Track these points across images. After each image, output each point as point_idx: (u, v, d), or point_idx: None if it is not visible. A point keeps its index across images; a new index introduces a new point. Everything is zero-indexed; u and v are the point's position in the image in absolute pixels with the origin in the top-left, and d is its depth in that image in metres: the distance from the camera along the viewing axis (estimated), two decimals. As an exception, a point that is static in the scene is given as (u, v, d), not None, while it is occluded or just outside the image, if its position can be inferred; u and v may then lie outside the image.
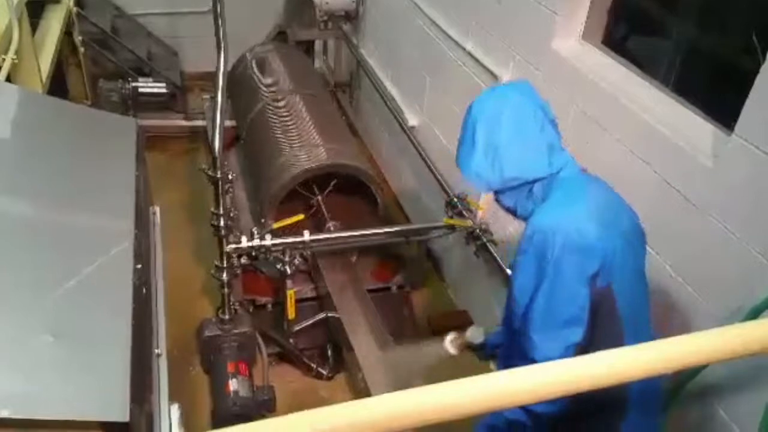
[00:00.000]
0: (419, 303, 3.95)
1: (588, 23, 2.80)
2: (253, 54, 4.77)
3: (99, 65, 5.21)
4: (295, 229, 3.30)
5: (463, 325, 2.31)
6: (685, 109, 2.31)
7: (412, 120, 4.35)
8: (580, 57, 2.75)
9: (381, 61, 5.03)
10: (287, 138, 3.77)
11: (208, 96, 5.39)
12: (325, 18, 5.32)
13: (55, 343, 1.45)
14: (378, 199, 3.68)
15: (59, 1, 4.14)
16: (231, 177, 2.94)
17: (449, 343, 2.27)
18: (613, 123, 2.48)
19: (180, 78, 5.70)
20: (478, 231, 3.36)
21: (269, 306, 3.60)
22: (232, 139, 4.60)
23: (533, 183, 1.82)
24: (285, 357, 3.59)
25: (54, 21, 3.97)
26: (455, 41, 3.67)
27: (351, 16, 5.38)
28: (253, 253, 3.16)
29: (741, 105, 1.92)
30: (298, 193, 3.57)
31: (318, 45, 6.05)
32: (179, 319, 3.06)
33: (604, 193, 1.85)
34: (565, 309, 1.69)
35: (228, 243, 3.05)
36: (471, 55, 3.50)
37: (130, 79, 5.21)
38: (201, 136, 5.45)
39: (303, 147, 3.63)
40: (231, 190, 3.00)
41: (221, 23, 2.73)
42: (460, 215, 3.47)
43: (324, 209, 3.63)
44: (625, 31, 2.83)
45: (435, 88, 4.09)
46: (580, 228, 1.68)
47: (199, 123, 5.48)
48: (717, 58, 2.43)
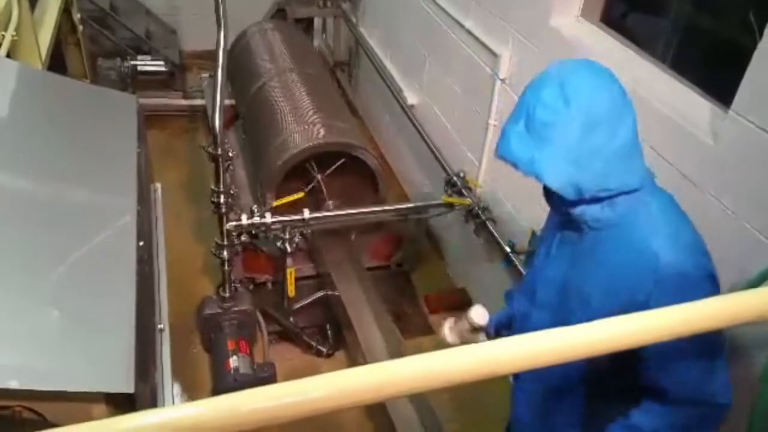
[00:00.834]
0: (418, 281, 3.98)
1: (587, 1, 2.80)
2: (252, 32, 4.75)
3: (97, 43, 5.20)
4: (295, 207, 3.32)
5: (461, 304, 2.28)
6: (683, 87, 2.32)
7: (411, 99, 4.35)
8: (578, 35, 2.75)
9: (380, 40, 5.01)
10: (286, 116, 3.77)
11: (206, 74, 5.38)
12: (325, -5, 5.31)
13: (61, 317, 1.48)
14: (377, 178, 3.70)
15: (58, -21, 4.11)
16: (231, 154, 2.95)
17: (448, 331, 2.04)
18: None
19: (179, 56, 5.68)
20: (477, 209, 3.38)
21: (269, 284, 3.63)
22: (231, 118, 4.60)
23: (624, 194, 1.50)
24: (285, 335, 3.62)
25: (52, -1, 3.94)
26: (454, 19, 3.66)
27: (350, -7, 5.36)
28: (253, 231, 3.18)
29: (738, 82, 1.93)
30: (298, 172, 3.59)
31: (317, 23, 6.02)
32: (179, 297, 3.09)
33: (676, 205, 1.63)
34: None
35: (228, 220, 3.07)
36: (470, 33, 3.49)
37: (128, 58, 5.20)
38: (200, 115, 5.45)
39: (302, 125, 3.63)
40: (231, 167, 3.01)
41: (221, 0, 2.73)
42: (459, 193, 3.49)
43: (324, 188, 3.64)
44: (624, 9, 2.83)
45: (434, 66, 4.09)
46: (712, 264, 1.55)
47: (198, 102, 5.48)
48: (714, 35, 2.43)
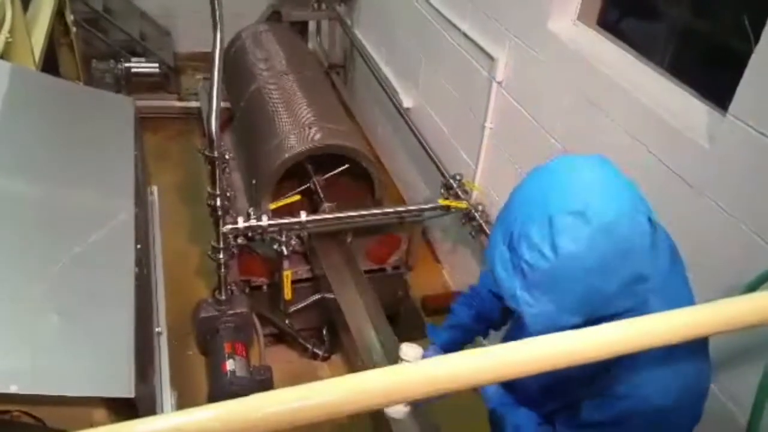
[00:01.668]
0: (415, 284, 3.98)
1: (583, 4, 2.81)
2: (247, 34, 4.74)
3: (91, 45, 5.18)
4: (291, 210, 3.31)
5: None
6: (681, 90, 2.33)
7: (407, 101, 4.36)
8: (575, 38, 2.76)
9: (375, 42, 5.01)
10: (282, 119, 3.76)
11: (201, 76, 5.37)
12: (320, -2, 5.31)
13: (60, 321, 1.47)
14: (374, 180, 3.70)
15: (51, -19, 4.09)
16: (228, 157, 2.94)
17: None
18: (609, 104, 2.50)
19: (173, 58, 5.66)
20: (473, 212, 3.38)
21: (265, 287, 3.62)
22: (226, 120, 4.58)
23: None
24: (281, 338, 3.62)
25: (46, 1, 3.92)
26: (451, 22, 3.67)
27: (345, -5, 5.37)
28: (250, 234, 3.17)
29: (735, 86, 1.94)
30: (294, 174, 3.58)
31: (312, 26, 6.02)
32: (175, 300, 3.08)
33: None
34: None
35: (224, 223, 3.06)
36: (467, 36, 3.50)
37: (122, 60, 5.18)
38: (194, 117, 5.42)
39: (298, 128, 3.62)
40: (227, 170, 3.00)
41: (217, 2, 2.72)
42: (455, 196, 3.49)
43: (320, 190, 3.63)
44: (620, 13, 2.84)
45: (430, 69, 4.09)
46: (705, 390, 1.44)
47: (193, 104, 5.45)
48: (711, 39, 2.44)
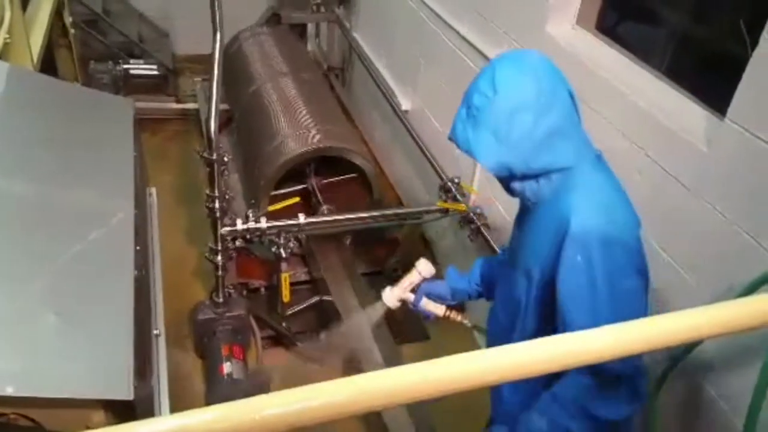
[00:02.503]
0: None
1: (582, 8, 2.81)
2: (246, 36, 4.75)
3: (89, 47, 5.17)
4: (290, 212, 3.31)
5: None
6: (679, 94, 2.33)
7: (405, 104, 4.36)
8: (573, 42, 2.77)
9: (374, 45, 5.02)
10: (280, 121, 3.76)
11: (200, 78, 5.37)
12: (318, 1, 5.31)
13: (58, 322, 1.47)
14: (372, 183, 3.70)
15: (50, -18, 4.09)
16: (226, 159, 2.94)
17: (387, 295, 2.24)
18: (607, 107, 2.50)
19: (171, 60, 5.66)
20: (472, 215, 3.38)
21: (263, 290, 3.61)
22: (224, 122, 4.58)
23: (554, 171, 1.67)
24: (279, 340, 3.61)
25: (44, 2, 3.93)
26: (449, 25, 3.67)
27: (344, -1, 5.37)
28: (248, 236, 3.17)
29: (733, 90, 1.95)
30: (292, 176, 3.58)
31: (311, 28, 6.02)
32: (172, 302, 3.07)
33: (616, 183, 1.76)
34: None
35: (223, 225, 3.05)
36: (465, 39, 3.50)
37: (120, 61, 5.18)
38: (192, 119, 5.42)
39: (296, 130, 3.63)
40: (226, 172, 3.00)
41: (218, 4, 2.72)
42: (454, 199, 3.49)
43: (318, 193, 3.63)
44: (619, 17, 2.84)
45: (428, 71, 4.10)
46: (633, 233, 1.65)
47: (191, 106, 5.45)
48: (709, 43, 2.45)
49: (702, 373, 2.10)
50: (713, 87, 2.20)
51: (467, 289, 2.28)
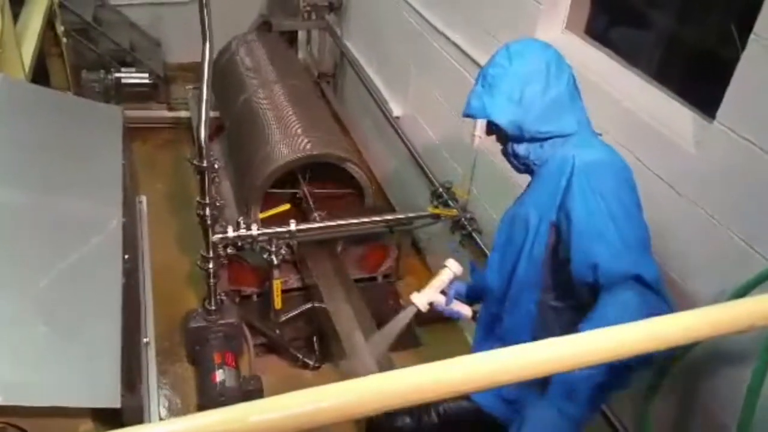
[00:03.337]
0: (405, 293, 3.96)
1: (571, 13, 2.83)
2: (237, 44, 4.75)
3: (81, 56, 5.16)
4: (281, 219, 3.30)
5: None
6: (668, 97, 2.34)
7: (396, 110, 4.36)
8: (563, 46, 2.75)
9: (365, 52, 5.03)
10: (272, 128, 3.76)
11: (191, 86, 5.37)
12: (309, 8, 5.32)
13: (47, 331, 1.46)
14: (364, 189, 3.70)
15: (40, -9, 4.08)
16: (217, 166, 2.93)
17: (416, 298, 2.20)
18: (597, 111, 2.49)
19: (163, 68, 5.66)
20: (463, 220, 3.38)
21: (255, 297, 3.60)
22: (215, 130, 4.58)
23: (557, 137, 1.90)
24: (271, 347, 3.60)
25: (36, 11, 3.91)
26: (439, 31, 3.68)
27: (335, 6, 5.37)
28: (240, 243, 3.16)
29: (722, 93, 1.95)
30: (284, 183, 3.58)
31: (302, 35, 6.03)
32: (164, 310, 3.06)
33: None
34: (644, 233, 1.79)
35: (214, 233, 3.04)
36: (455, 45, 3.51)
37: (112, 70, 5.17)
38: (184, 127, 5.42)
39: (288, 137, 3.63)
40: (217, 179, 2.99)
41: (207, 12, 2.72)
42: (445, 204, 3.49)
43: (310, 199, 3.63)
44: (608, 21, 2.86)
45: (419, 78, 4.10)
46: (630, 175, 1.82)
47: (183, 114, 5.45)
48: (698, 47, 2.46)
49: (695, 377, 2.10)
50: (702, 90, 2.21)
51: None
